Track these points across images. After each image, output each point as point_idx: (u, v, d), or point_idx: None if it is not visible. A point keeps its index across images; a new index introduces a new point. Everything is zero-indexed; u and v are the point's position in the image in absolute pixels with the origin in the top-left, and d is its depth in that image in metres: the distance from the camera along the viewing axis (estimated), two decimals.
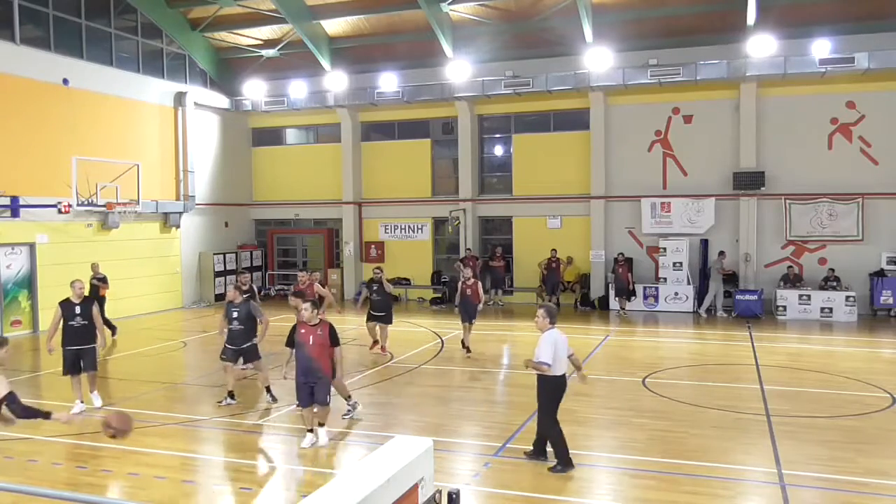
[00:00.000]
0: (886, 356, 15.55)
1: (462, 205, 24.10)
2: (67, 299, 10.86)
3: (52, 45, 19.47)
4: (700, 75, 20.15)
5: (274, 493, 8.14)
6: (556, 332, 8.34)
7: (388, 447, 4.59)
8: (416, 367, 14.07)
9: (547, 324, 8.33)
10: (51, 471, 8.55)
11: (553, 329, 8.34)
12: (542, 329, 8.35)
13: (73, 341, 10.75)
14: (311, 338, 9.09)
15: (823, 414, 10.61)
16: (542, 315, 8.39)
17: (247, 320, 11.19)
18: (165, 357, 15.93)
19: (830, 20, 19.57)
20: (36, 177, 18.36)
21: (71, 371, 10.85)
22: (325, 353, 9.18)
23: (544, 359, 8.13)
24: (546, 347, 8.15)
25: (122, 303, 20.47)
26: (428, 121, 25.03)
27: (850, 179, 20.30)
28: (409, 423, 10.44)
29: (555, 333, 8.30)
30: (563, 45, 21.92)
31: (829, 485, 7.95)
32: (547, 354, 8.13)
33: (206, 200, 24.81)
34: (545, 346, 8.17)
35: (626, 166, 22.34)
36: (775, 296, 20.16)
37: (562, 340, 8.34)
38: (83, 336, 10.79)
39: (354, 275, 25.47)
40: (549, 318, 8.35)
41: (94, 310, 10.95)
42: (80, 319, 10.73)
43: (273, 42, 24.73)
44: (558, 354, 8.23)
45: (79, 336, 10.76)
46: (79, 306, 10.78)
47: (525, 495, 7.64)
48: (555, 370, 8.21)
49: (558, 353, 8.22)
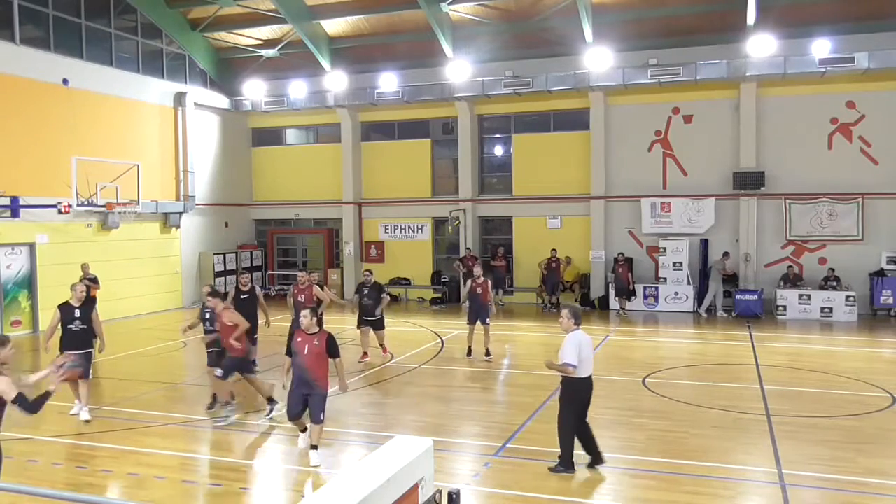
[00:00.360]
0: (886, 356, 15.55)
1: (462, 205, 24.10)
2: (67, 302, 10.65)
3: (52, 45, 19.47)
4: (700, 75, 20.15)
5: (273, 493, 8.14)
6: (581, 334, 8.14)
7: (388, 447, 4.59)
8: (416, 367, 14.07)
9: (572, 325, 8.13)
10: (51, 471, 8.55)
11: (578, 330, 8.14)
12: (567, 330, 8.14)
13: (70, 345, 10.44)
14: (307, 347, 8.59)
15: (824, 414, 10.61)
16: (566, 316, 8.19)
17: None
18: (165, 357, 15.94)
19: (830, 20, 19.57)
20: (36, 177, 18.36)
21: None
22: (321, 364, 8.64)
23: (568, 360, 7.94)
24: (570, 348, 7.97)
25: (122, 303, 20.50)
26: (428, 121, 25.03)
27: (850, 179, 20.30)
28: (409, 423, 10.43)
29: (580, 335, 8.10)
30: (563, 45, 21.92)
31: (829, 485, 7.95)
32: (571, 355, 7.94)
33: (206, 200, 24.81)
34: (569, 347, 7.98)
35: (626, 166, 22.34)
36: (775, 296, 20.16)
37: (587, 342, 8.15)
38: (82, 340, 10.59)
39: (354, 275, 25.43)
40: (573, 319, 8.15)
41: (93, 314, 10.76)
42: (79, 323, 10.49)
43: (273, 42, 24.73)
44: (583, 355, 8.02)
45: (77, 340, 10.53)
46: (78, 310, 10.55)
47: (525, 495, 7.64)
48: (580, 372, 8.02)
49: (583, 354, 8.03)
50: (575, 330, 8.13)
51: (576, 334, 8.09)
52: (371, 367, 14.07)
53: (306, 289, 13.50)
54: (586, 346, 8.11)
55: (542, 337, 18.17)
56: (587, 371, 8.13)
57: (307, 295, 13.34)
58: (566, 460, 8.16)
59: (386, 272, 25.00)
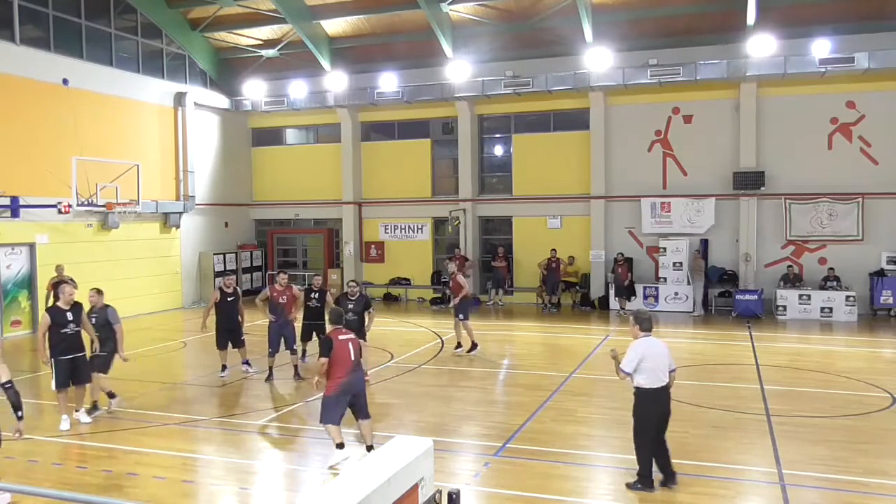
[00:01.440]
0: (887, 356, 15.55)
1: (462, 205, 24.10)
2: (56, 305, 10.17)
3: (52, 45, 19.47)
4: (700, 75, 20.15)
5: (274, 493, 8.14)
6: (650, 341, 7.65)
7: (388, 447, 4.59)
8: (416, 367, 14.07)
9: (638, 331, 7.69)
10: (51, 471, 8.55)
11: (647, 337, 7.67)
12: (635, 337, 7.71)
13: (67, 350, 10.01)
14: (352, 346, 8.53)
15: (823, 414, 10.61)
16: (631, 322, 7.81)
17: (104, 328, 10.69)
18: (165, 357, 15.94)
19: (830, 20, 19.57)
20: (36, 177, 18.35)
21: (66, 384, 10.10)
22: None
23: (624, 367, 7.60)
24: (630, 355, 7.56)
25: (122, 303, 20.39)
26: (428, 121, 25.03)
27: (849, 179, 20.30)
28: (409, 423, 10.43)
29: (646, 342, 7.63)
30: (563, 45, 21.92)
31: (829, 485, 7.95)
32: (628, 363, 7.56)
33: (206, 200, 24.80)
34: (630, 353, 7.58)
35: (626, 166, 22.34)
36: (775, 296, 20.16)
37: (657, 350, 7.64)
38: (77, 344, 10.17)
39: (354, 275, 25.44)
40: (639, 325, 7.69)
41: (84, 315, 10.31)
42: (73, 326, 10.00)
43: (273, 42, 24.73)
44: (649, 364, 7.53)
45: (72, 344, 10.06)
46: (70, 312, 10.03)
47: (525, 495, 7.64)
48: (646, 382, 7.55)
49: (650, 363, 7.53)
50: (643, 336, 7.67)
51: (642, 342, 7.64)
52: (371, 366, 14.05)
53: (286, 290, 13.26)
54: (655, 354, 7.60)
55: (542, 337, 18.17)
56: (655, 382, 7.57)
57: (289, 296, 13.21)
58: (644, 478, 7.71)
59: (386, 272, 25.02)
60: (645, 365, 7.53)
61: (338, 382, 8.38)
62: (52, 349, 10.04)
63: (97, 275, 18.49)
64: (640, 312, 7.95)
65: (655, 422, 7.63)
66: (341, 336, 8.54)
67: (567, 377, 13.01)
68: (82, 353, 10.30)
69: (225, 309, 13.31)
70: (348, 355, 8.44)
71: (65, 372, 10.07)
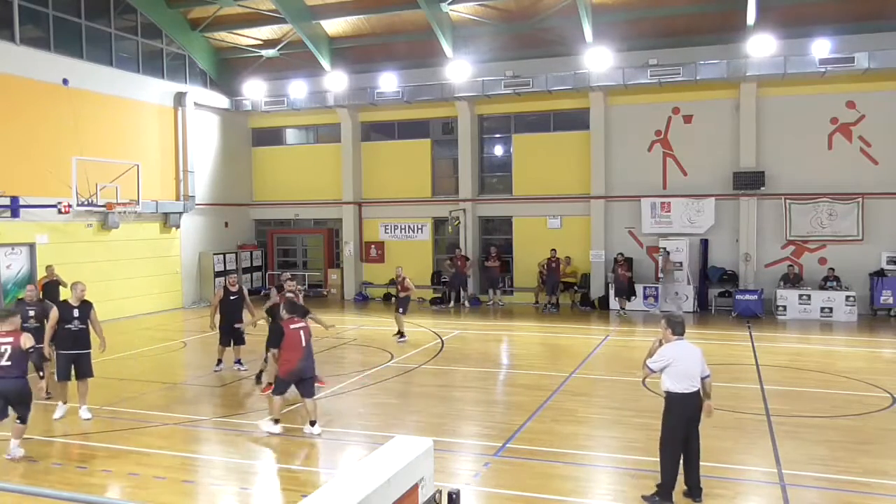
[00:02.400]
0: (887, 356, 15.54)
1: (462, 205, 24.10)
2: (66, 301, 10.64)
3: (52, 45, 19.46)
4: (700, 75, 20.14)
5: (273, 493, 8.14)
6: (682, 345, 7.43)
7: (388, 447, 4.59)
8: (416, 367, 14.07)
9: (670, 335, 7.45)
10: (51, 471, 8.54)
11: (679, 341, 7.44)
12: (667, 341, 7.48)
13: (69, 345, 10.40)
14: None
15: (823, 414, 10.61)
16: (662, 325, 7.57)
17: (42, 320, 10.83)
18: (165, 357, 15.93)
19: (830, 20, 19.56)
20: (36, 177, 18.35)
21: (66, 377, 10.54)
22: None
23: (651, 366, 7.43)
24: (659, 356, 7.40)
25: (122, 303, 20.50)
26: (428, 121, 25.03)
27: (849, 179, 20.30)
28: (409, 423, 10.43)
29: (679, 346, 7.40)
30: (563, 45, 21.92)
31: (829, 485, 7.96)
32: (656, 361, 7.39)
33: (206, 200, 24.80)
34: (659, 354, 7.42)
35: (625, 166, 22.33)
36: (775, 296, 20.16)
37: (690, 355, 7.40)
38: (81, 340, 10.50)
39: (354, 275, 25.48)
40: (671, 329, 7.45)
41: (92, 313, 10.62)
42: (77, 323, 10.39)
43: (273, 42, 24.73)
44: (679, 369, 7.30)
45: (76, 340, 10.43)
46: (77, 309, 10.44)
47: (525, 495, 7.64)
48: (675, 387, 7.33)
49: (680, 366, 7.30)
50: (676, 340, 7.44)
51: (674, 345, 7.41)
52: (371, 367, 14.06)
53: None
54: (687, 359, 7.37)
55: (542, 337, 18.16)
56: (684, 387, 7.32)
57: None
58: (664, 490, 7.37)
59: (386, 272, 24.99)
60: (673, 369, 7.33)
61: (291, 367, 9.57)
62: (56, 343, 10.43)
63: (97, 275, 18.50)
64: (672, 315, 7.79)
65: (682, 428, 7.41)
66: (293, 325, 9.68)
67: (567, 377, 13.01)
68: (87, 349, 10.60)
69: (229, 308, 13.41)
70: (300, 342, 9.59)
71: (64, 366, 10.51)
